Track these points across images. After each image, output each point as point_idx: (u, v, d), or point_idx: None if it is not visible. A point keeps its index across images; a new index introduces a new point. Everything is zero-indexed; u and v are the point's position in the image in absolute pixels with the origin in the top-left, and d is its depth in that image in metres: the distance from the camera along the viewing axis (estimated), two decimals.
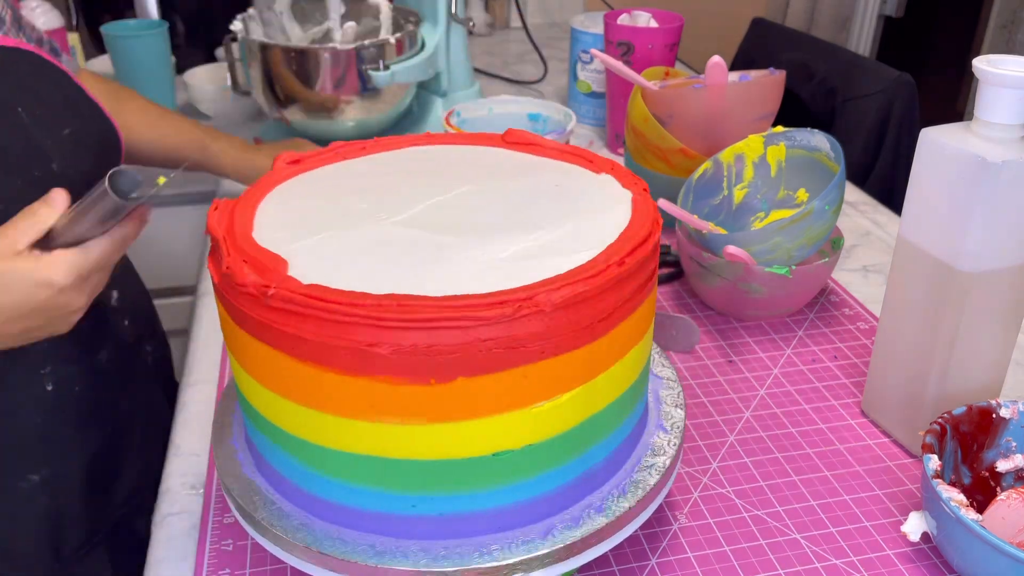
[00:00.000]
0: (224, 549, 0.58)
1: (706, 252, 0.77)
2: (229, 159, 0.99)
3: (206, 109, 1.31)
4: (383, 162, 0.58)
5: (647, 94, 0.93)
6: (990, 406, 0.59)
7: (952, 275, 0.58)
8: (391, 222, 0.50)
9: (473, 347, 0.42)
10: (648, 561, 0.57)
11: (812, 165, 0.82)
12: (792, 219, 0.72)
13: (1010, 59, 0.54)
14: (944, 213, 0.58)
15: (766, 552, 0.58)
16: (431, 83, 1.20)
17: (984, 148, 0.55)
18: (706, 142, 0.91)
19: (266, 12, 1.15)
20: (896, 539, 0.59)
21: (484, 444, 0.45)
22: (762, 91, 0.91)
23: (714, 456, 0.66)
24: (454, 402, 0.44)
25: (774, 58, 1.53)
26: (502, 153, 0.60)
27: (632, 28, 1.11)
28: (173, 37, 1.34)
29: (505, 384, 0.44)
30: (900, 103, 1.32)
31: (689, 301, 0.86)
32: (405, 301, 0.42)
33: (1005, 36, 2.65)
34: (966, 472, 0.60)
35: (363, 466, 0.46)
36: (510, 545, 0.47)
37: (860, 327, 0.81)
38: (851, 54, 1.45)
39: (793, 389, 0.73)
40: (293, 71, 1.04)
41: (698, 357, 0.77)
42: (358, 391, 0.43)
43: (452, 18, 1.15)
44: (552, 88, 1.49)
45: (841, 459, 0.66)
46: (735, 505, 0.61)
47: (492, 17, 1.85)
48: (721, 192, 0.86)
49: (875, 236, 1.00)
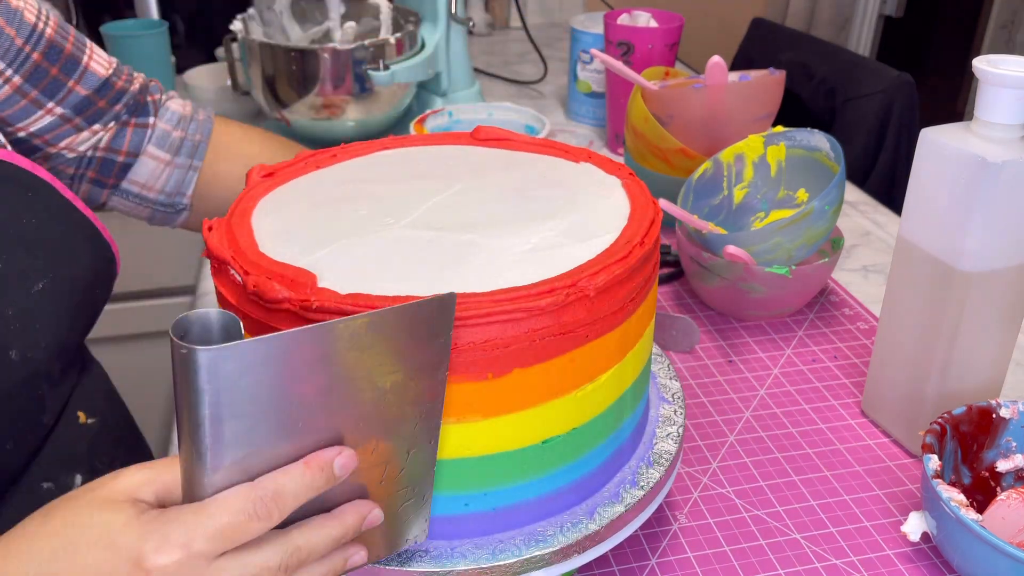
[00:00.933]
0: None
1: (706, 252, 0.77)
2: None
3: None
4: (362, 167, 0.58)
5: (647, 94, 0.93)
6: (990, 406, 0.59)
7: (952, 275, 0.58)
8: (401, 225, 0.50)
9: (527, 338, 0.43)
10: (648, 561, 0.57)
11: (812, 165, 0.82)
12: (792, 219, 0.72)
13: (1010, 59, 0.54)
14: (944, 213, 0.58)
15: (766, 552, 0.58)
16: (431, 83, 1.20)
17: (984, 148, 0.55)
18: (706, 142, 0.91)
19: (266, 12, 1.15)
20: (896, 539, 0.59)
21: (536, 433, 0.46)
22: (762, 91, 0.91)
23: (714, 456, 0.66)
24: (510, 394, 0.44)
25: (774, 58, 1.53)
26: (478, 150, 0.60)
27: (632, 28, 1.11)
28: (173, 37, 1.34)
29: (556, 371, 0.45)
30: (900, 103, 1.32)
31: (689, 301, 0.86)
32: (457, 300, 0.41)
33: (1005, 36, 2.65)
34: (966, 472, 0.60)
35: None
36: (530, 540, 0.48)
37: (860, 327, 0.81)
38: (851, 54, 1.45)
39: (793, 389, 0.73)
40: (293, 71, 1.04)
41: (698, 357, 0.77)
42: None
43: (452, 18, 1.15)
44: (552, 88, 1.48)
45: (841, 459, 0.66)
46: (735, 505, 0.61)
47: (492, 17, 1.85)
48: (721, 192, 0.86)
49: (875, 236, 1.00)
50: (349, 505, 0.41)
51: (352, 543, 0.42)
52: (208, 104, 1.30)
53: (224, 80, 1.31)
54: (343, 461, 0.39)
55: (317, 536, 0.39)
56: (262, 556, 0.37)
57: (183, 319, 0.35)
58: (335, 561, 0.41)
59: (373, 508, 0.41)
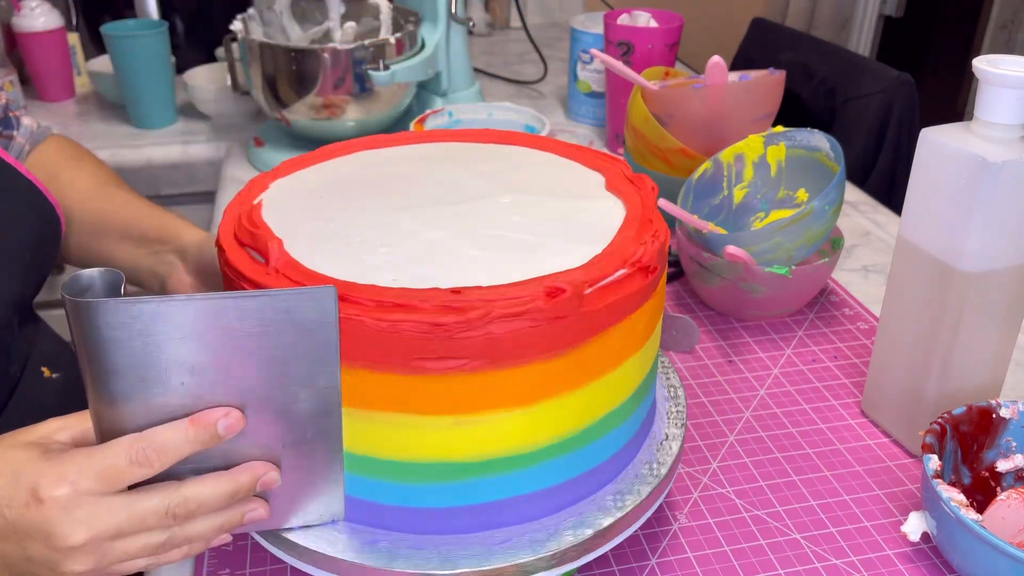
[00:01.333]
0: (224, 549, 0.58)
1: (706, 252, 0.77)
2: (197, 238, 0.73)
3: (206, 109, 1.31)
4: (357, 165, 0.59)
5: (647, 94, 0.93)
6: (990, 406, 0.59)
7: (952, 275, 0.58)
8: (403, 218, 0.51)
9: (528, 338, 0.43)
10: (648, 561, 0.57)
11: (812, 165, 0.82)
12: (792, 219, 0.72)
13: (1010, 59, 0.54)
14: (944, 213, 0.58)
15: (766, 552, 0.58)
16: (431, 83, 1.20)
17: (984, 148, 0.54)
18: (706, 142, 0.91)
19: (266, 12, 1.15)
20: (896, 539, 0.59)
21: (538, 433, 0.46)
22: (762, 91, 0.91)
23: (714, 456, 0.66)
24: (510, 395, 0.45)
25: (774, 58, 1.53)
26: (480, 147, 0.61)
27: (632, 28, 1.11)
28: (173, 37, 1.34)
29: (558, 371, 0.45)
30: (900, 103, 1.32)
31: (689, 301, 0.86)
32: (458, 297, 0.42)
33: (1005, 36, 2.65)
34: (966, 472, 0.60)
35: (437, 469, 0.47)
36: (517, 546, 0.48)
37: (860, 327, 0.81)
38: (851, 54, 1.45)
39: (793, 389, 0.73)
40: (293, 71, 1.04)
41: (698, 357, 0.77)
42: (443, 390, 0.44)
43: (452, 18, 1.15)
44: (552, 88, 1.48)
45: (841, 459, 0.66)
46: (735, 505, 0.61)
47: (492, 17, 1.85)
48: (721, 192, 0.86)
49: (875, 236, 1.00)
50: (246, 465, 0.44)
51: (253, 499, 0.45)
52: (208, 104, 1.30)
53: (224, 80, 1.31)
54: (228, 423, 0.41)
55: (208, 490, 0.43)
56: (150, 501, 0.42)
57: (79, 275, 0.39)
58: (232, 514, 0.44)
59: (270, 470, 0.44)
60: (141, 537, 0.43)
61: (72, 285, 0.40)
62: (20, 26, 1.33)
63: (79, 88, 1.45)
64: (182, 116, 1.35)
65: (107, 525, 0.41)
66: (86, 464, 0.41)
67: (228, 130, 1.30)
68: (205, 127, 1.31)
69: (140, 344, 0.39)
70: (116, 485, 0.42)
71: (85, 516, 0.41)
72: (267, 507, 0.46)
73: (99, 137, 1.27)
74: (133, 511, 0.42)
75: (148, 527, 0.42)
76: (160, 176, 1.26)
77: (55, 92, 1.41)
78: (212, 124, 1.32)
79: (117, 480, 0.41)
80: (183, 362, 0.40)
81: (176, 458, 0.42)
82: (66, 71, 1.41)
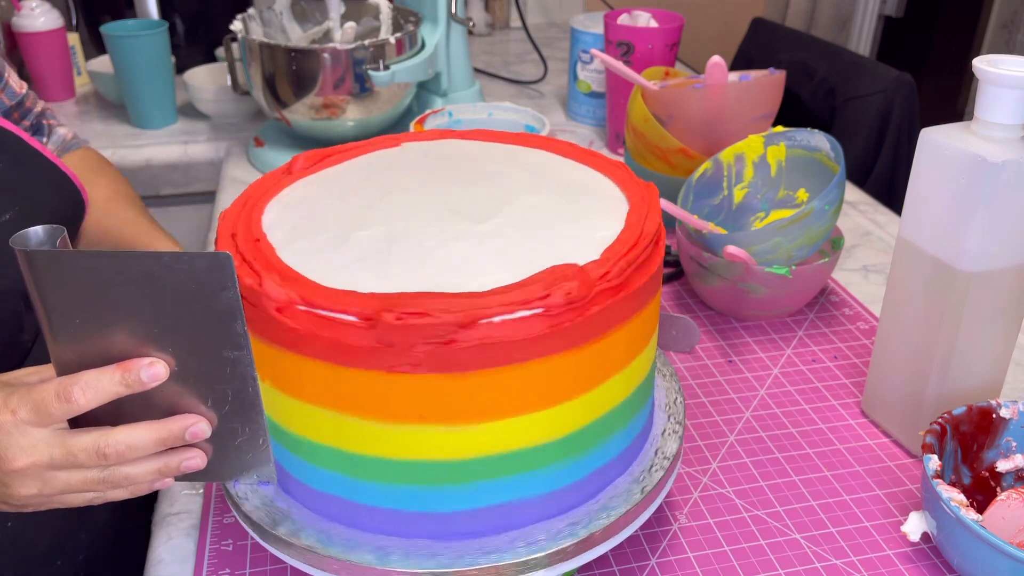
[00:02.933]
0: (224, 549, 0.58)
1: (706, 252, 0.77)
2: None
3: (206, 109, 1.31)
4: (360, 166, 0.59)
5: (647, 94, 0.93)
6: (990, 406, 0.59)
7: (952, 275, 0.58)
8: (400, 221, 0.50)
9: (529, 336, 0.43)
10: (648, 561, 0.57)
11: (812, 165, 0.82)
12: (792, 219, 0.72)
13: (1010, 59, 0.54)
14: (944, 213, 0.58)
15: (766, 552, 0.58)
16: (431, 83, 1.20)
17: (984, 148, 0.55)
18: (706, 142, 0.91)
19: (266, 12, 1.15)
20: (896, 539, 0.59)
21: (539, 433, 0.46)
22: (762, 91, 0.91)
23: (714, 456, 0.66)
24: (510, 395, 0.45)
25: (774, 58, 1.53)
26: (481, 146, 0.61)
27: (632, 28, 1.11)
28: (173, 37, 1.34)
29: (560, 371, 0.45)
30: (900, 103, 1.32)
31: (689, 301, 0.86)
32: (459, 298, 0.42)
33: (1005, 36, 2.65)
34: (966, 472, 0.60)
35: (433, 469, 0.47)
36: (518, 544, 0.48)
37: (860, 327, 0.81)
38: (851, 54, 1.45)
39: (793, 389, 0.73)
40: (293, 71, 1.04)
41: (698, 357, 0.77)
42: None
43: (452, 18, 1.15)
44: (552, 88, 1.48)
45: (841, 459, 0.66)
46: (735, 505, 0.61)
47: (492, 17, 1.85)
48: (721, 192, 0.86)
49: (875, 236, 1.00)
50: (176, 416, 0.47)
51: (190, 448, 0.48)
52: (208, 104, 1.30)
53: (224, 80, 1.31)
54: (152, 371, 0.45)
55: (138, 434, 0.46)
56: (81, 440, 0.46)
57: (27, 230, 0.44)
58: (169, 460, 0.48)
59: (199, 422, 0.47)
60: (79, 472, 0.47)
61: (20, 239, 0.44)
62: (20, 26, 1.33)
63: (79, 88, 1.45)
64: (182, 116, 1.35)
65: (42, 455, 0.46)
66: (26, 396, 0.46)
67: (228, 130, 1.30)
68: (205, 127, 1.31)
69: (72, 291, 0.43)
70: (46, 418, 0.46)
71: (25, 444, 0.46)
72: (203, 457, 0.49)
73: (99, 137, 1.27)
74: (66, 446, 0.46)
75: (80, 463, 0.46)
76: (160, 176, 1.26)
77: (55, 92, 1.41)
78: (212, 124, 1.32)
79: (46, 413, 0.45)
80: (110, 312, 0.44)
81: (103, 398, 0.45)
82: (66, 71, 1.41)
